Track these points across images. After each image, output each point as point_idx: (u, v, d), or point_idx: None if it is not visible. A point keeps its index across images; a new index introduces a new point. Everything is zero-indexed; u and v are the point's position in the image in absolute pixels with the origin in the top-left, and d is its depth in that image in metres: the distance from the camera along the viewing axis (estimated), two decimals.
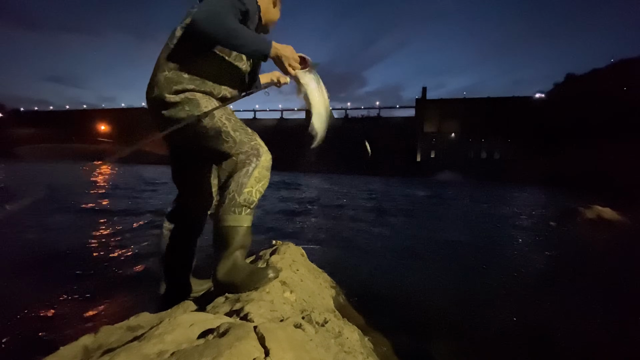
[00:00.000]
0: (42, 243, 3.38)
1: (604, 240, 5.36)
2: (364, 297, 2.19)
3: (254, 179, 1.24)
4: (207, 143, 1.27)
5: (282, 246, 1.96)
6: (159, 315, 1.30)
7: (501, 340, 2.00)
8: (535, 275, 3.33)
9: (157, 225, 4.70)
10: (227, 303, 1.20)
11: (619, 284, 3.07)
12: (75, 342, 1.04)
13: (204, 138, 1.26)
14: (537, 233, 5.77)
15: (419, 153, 55.24)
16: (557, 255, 4.28)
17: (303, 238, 4.46)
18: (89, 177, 12.36)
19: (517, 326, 2.16)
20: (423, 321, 2.17)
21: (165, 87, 1.24)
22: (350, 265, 3.36)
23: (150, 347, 0.75)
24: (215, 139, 1.25)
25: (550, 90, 49.85)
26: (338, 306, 1.71)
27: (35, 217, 4.50)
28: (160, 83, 1.24)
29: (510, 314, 2.33)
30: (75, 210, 5.47)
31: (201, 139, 1.27)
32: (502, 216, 7.91)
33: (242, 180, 1.22)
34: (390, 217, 7.11)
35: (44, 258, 2.93)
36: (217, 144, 1.25)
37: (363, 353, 1.12)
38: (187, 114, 1.23)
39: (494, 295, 2.74)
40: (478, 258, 3.96)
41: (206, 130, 1.24)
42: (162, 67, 1.26)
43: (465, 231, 5.87)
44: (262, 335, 0.74)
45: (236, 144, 1.25)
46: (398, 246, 4.40)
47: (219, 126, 1.24)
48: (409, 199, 11.48)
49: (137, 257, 3.17)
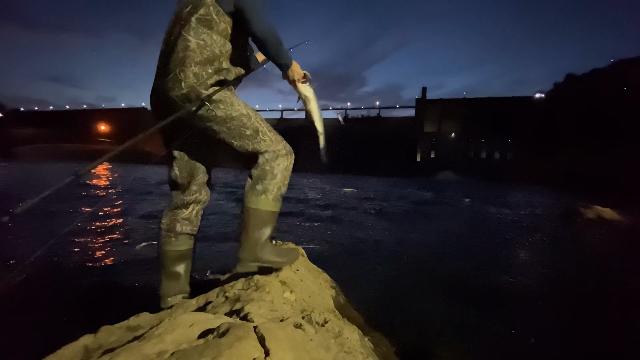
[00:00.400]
0: (42, 243, 3.38)
1: (604, 241, 5.35)
2: (364, 297, 2.19)
3: (283, 176, 1.38)
4: (240, 140, 1.35)
5: (282, 246, 1.96)
6: (159, 315, 1.30)
7: (501, 341, 2.00)
8: (535, 276, 3.33)
9: (156, 225, 4.70)
10: (227, 303, 1.20)
11: (619, 285, 3.07)
12: (75, 342, 1.04)
13: (239, 135, 1.34)
14: (537, 233, 5.76)
15: (419, 153, 55.15)
16: (557, 256, 4.28)
17: (303, 238, 4.46)
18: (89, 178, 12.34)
19: (516, 326, 2.16)
20: (423, 321, 2.17)
21: (198, 83, 1.26)
22: (350, 265, 3.36)
23: (150, 347, 0.75)
24: (252, 137, 1.35)
25: (550, 90, 49.76)
26: (338, 306, 1.71)
27: (34, 217, 4.50)
28: (190, 79, 1.26)
29: (509, 314, 2.33)
30: (75, 210, 5.46)
31: (235, 135, 1.34)
32: (502, 216, 7.91)
33: (275, 172, 1.35)
34: (390, 217, 7.11)
35: (44, 258, 2.93)
36: (254, 141, 1.35)
37: (363, 353, 1.12)
38: (224, 112, 1.31)
39: (493, 295, 2.74)
40: (478, 258, 3.96)
41: (245, 129, 1.34)
42: (186, 62, 1.25)
43: (464, 232, 5.87)
44: (262, 335, 0.74)
45: (273, 143, 1.38)
46: (398, 247, 4.40)
47: (257, 126, 1.36)
48: (409, 199, 11.48)
49: (137, 257, 3.18)
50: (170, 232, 1.49)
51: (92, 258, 3.07)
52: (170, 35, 1.32)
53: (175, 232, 1.49)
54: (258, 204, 1.33)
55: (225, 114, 1.31)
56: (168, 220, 1.50)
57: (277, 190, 1.36)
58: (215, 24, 1.28)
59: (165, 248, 1.49)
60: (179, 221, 1.50)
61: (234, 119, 1.32)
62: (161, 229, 1.50)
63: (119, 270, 2.76)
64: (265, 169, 1.35)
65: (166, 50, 1.32)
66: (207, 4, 1.26)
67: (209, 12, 1.26)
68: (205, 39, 1.27)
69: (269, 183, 1.34)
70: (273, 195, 1.35)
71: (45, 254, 3.04)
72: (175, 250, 1.49)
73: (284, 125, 59.87)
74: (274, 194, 1.35)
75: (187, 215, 1.51)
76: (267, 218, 1.35)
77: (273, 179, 1.35)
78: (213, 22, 1.27)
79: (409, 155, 54.10)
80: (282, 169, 1.37)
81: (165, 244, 1.49)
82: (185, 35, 1.26)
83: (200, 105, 1.27)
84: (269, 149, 1.37)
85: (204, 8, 1.26)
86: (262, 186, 1.33)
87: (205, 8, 1.26)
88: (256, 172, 1.36)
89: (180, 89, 1.27)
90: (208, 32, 1.27)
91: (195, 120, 1.31)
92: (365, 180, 24.81)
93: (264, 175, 1.34)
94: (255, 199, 1.33)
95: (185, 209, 1.51)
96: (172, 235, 1.48)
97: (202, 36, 1.27)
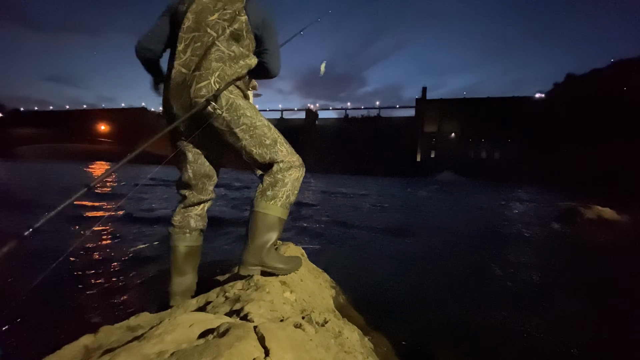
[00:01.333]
0: (42, 243, 3.38)
1: (604, 241, 5.35)
2: (364, 297, 2.19)
3: (293, 186, 1.43)
4: (260, 148, 1.39)
5: (282, 246, 1.96)
6: (159, 315, 1.30)
7: (501, 341, 2.00)
8: (535, 276, 3.33)
9: (156, 225, 4.70)
10: (227, 303, 1.20)
11: (619, 285, 3.07)
12: (75, 342, 1.04)
13: (259, 144, 1.39)
14: (537, 233, 5.76)
15: (419, 153, 55.15)
16: (557, 256, 4.28)
17: (303, 238, 4.46)
18: (90, 177, 12.33)
19: (516, 327, 2.16)
20: (423, 321, 2.17)
21: (232, 92, 1.36)
22: (350, 265, 3.36)
23: (150, 347, 0.75)
24: (271, 147, 1.41)
25: (550, 90, 49.76)
26: (338, 306, 1.71)
27: (35, 217, 4.49)
28: (212, 83, 1.32)
29: (509, 314, 2.33)
30: (76, 211, 5.46)
31: (256, 144, 1.39)
32: (502, 216, 7.91)
33: (286, 180, 1.40)
34: (390, 217, 7.12)
35: (44, 258, 2.93)
36: (272, 150, 1.41)
37: (363, 353, 1.12)
38: (249, 121, 1.37)
39: (493, 296, 2.74)
40: (477, 259, 3.96)
41: (265, 138, 1.40)
42: (221, 72, 1.33)
43: (464, 232, 5.87)
44: (262, 335, 0.74)
45: (288, 154, 1.44)
46: (397, 247, 4.40)
47: (276, 137, 1.43)
48: (409, 200, 11.48)
49: (137, 258, 3.18)
50: (184, 228, 1.54)
51: (92, 258, 3.07)
52: (195, 42, 1.34)
53: (190, 228, 1.55)
54: (267, 208, 1.36)
55: (250, 122, 1.38)
56: (180, 217, 1.56)
57: (286, 199, 1.40)
58: (242, 39, 1.39)
59: (179, 244, 1.53)
60: (192, 217, 1.56)
61: (257, 128, 1.39)
62: (174, 225, 1.54)
63: (119, 271, 2.76)
64: (277, 177, 1.40)
65: (193, 57, 1.34)
66: (242, 20, 1.36)
67: (242, 28, 1.37)
68: (235, 50, 1.37)
69: (279, 190, 1.38)
70: (282, 202, 1.38)
71: (43, 252, 3.03)
72: (188, 246, 1.54)
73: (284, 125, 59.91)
74: (282, 201, 1.39)
75: (199, 211, 1.59)
76: (274, 223, 1.38)
77: (284, 187, 1.39)
78: (241, 37, 1.39)
79: (409, 155, 54.09)
80: (294, 179, 1.42)
81: (178, 240, 1.53)
82: (219, 45, 1.34)
83: (231, 112, 1.35)
84: (284, 159, 1.42)
85: (238, 24, 1.36)
86: (272, 192, 1.38)
87: (239, 24, 1.36)
88: (269, 179, 1.40)
89: (202, 91, 1.32)
90: (236, 45, 1.38)
91: (222, 126, 1.36)
92: (365, 180, 24.80)
93: (275, 183, 1.39)
94: (265, 203, 1.37)
95: (197, 206, 1.58)
96: (186, 231, 1.54)
97: (232, 47, 1.36)
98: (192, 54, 1.34)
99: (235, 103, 1.35)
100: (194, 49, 1.34)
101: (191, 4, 1.36)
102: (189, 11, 1.35)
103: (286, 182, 1.40)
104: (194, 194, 1.55)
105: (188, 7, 1.36)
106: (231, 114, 1.35)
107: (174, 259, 1.53)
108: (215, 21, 1.34)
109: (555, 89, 48.86)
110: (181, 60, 1.35)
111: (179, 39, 1.35)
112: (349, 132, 60.84)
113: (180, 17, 1.36)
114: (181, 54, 1.35)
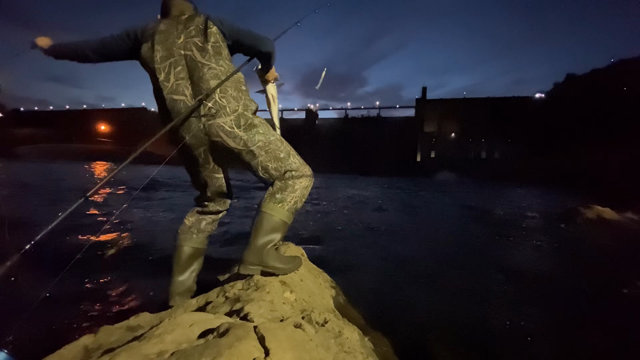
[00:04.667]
0: (42, 243, 3.37)
1: (604, 240, 5.35)
2: (364, 297, 2.19)
3: (302, 193, 1.46)
4: (275, 162, 1.43)
5: (282, 246, 1.97)
6: (159, 315, 1.30)
7: (501, 340, 2.00)
8: (535, 276, 3.33)
9: (156, 225, 4.70)
10: (227, 303, 1.20)
11: (619, 284, 3.07)
12: (75, 342, 1.04)
13: (275, 158, 1.43)
14: (537, 233, 5.76)
15: (419, 153, 55.14)
16: (556, 255, 4.28)
17: (303, 238, 4.46)
18: (91, 177, 12.33)
19: (516, 327, 2.16)
20: (423, 321, 2.17)
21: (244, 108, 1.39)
22: (350, 265, 3.36)
23: (150, 347, 0.75)
24: (285, 159, 1.45)
25: (550, 90, 49.74)
26: (338, 306, 1.71)
27: (37, 216, 4.50)
28: (232, 104, 1.36)
29: (509, 314, 2.33)
30: (77, 210, 5.46)
31: (271, 159, 1.43)
32: (502, 216, 7.91)
33: (296, 187, 1.44)
34: (390, 217, 7.12)
35: (44, 258, 2.93)
36: (286, 163, 1.45)
37: (363, 353, 1.12)
38: (264, 137, 1.41)
39: (493, 296, 2.74)
40: (478, 258, 3.96)
41: (279, 152, 1.44)
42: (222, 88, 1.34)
43: (465, 232, 5.87)
44: (262, 335, 0.74)
45: (301, 165, 1.48)
46: (398, 247, 4.40)
47: (288, 149, 1.48)
48: (409, 200, 11.48)
49: (138, 258, 3.18)
50: (193, 228, 1.60)
51: (92, 258, 3.07)
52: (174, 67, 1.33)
53: (199, 228, 1.60)
54: (274, 210, 1.39)
55: (265, 139, 1.42)
56: (194, 218, 1.62)
57: (294, 204, 1.43)
58: (223, 50, 1.39)
59: (184, 244, 1.57)
60: (205, 220, 1.63)
61: (271, 143, 1.43)
62: (185, 224, 1.60)
63: (119, 271, 2.76)
64: (288, 182, 1.43)
65: (179, 82, 1.33)
66: (214, 32, 1.36)
67: (218, 40, 1.37)
68: (223, 64, 1.38)
69: (288, 195, 1.42)
70: (288, 207, 1.41)
71: (43, 251, 3.03)
72: (194, 247, 1.58)
73: (284, 125, 59.74)
74: (289, 206, 1.42)
75: (214, 217, 1.66)
76: (278, 225, 1.40)
77: (293, 192, 1.43)
78: (221, 48, 1.38)
79: (409, 155, 54.08)
80: (303, 187, 1.46)
81: (184, 240, 1.57)
82: (208, 63, 1.34)
83: (247, 132, 1.38)
84: (298, 169, 1.47)
85: (213, 37, 1.36)
86: (281, 196, 1.41)
87: (214, 36, 1.36)
88: (279, 183, 1.44)
89: (228, 115, 1.35)
90: (221, 59, 1.38)
91: (239, 146, 1.38)
92: (365, 180, 24.81)
93: (286, 187, 1.42)
94: (272, 205, 1.40)
95: (214, 215, 1.66)
96: (195, 231, 1.59)
97: (219, 62, 1.37)
98: (176, 79, 1.33)
99: (251, 122, 1.39)
100: (176, 73, 1.33)
101: (153, 37, 1.35)
102: (155, 44, 1.34)
103: (296, 189, 1.43)
104: (213, 204, 1.62)
105: (152, 42, 1.35)
106: (247, 133, 1.39)
107: (177, 259, 1.56)
108: (185, 41, 1.34)
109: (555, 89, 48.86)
110: (167, 89, 1.34)
111: (156, 71, 1.33)
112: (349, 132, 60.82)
113: (148, 54, 1.35)
114: (165, 83, 1.34)
